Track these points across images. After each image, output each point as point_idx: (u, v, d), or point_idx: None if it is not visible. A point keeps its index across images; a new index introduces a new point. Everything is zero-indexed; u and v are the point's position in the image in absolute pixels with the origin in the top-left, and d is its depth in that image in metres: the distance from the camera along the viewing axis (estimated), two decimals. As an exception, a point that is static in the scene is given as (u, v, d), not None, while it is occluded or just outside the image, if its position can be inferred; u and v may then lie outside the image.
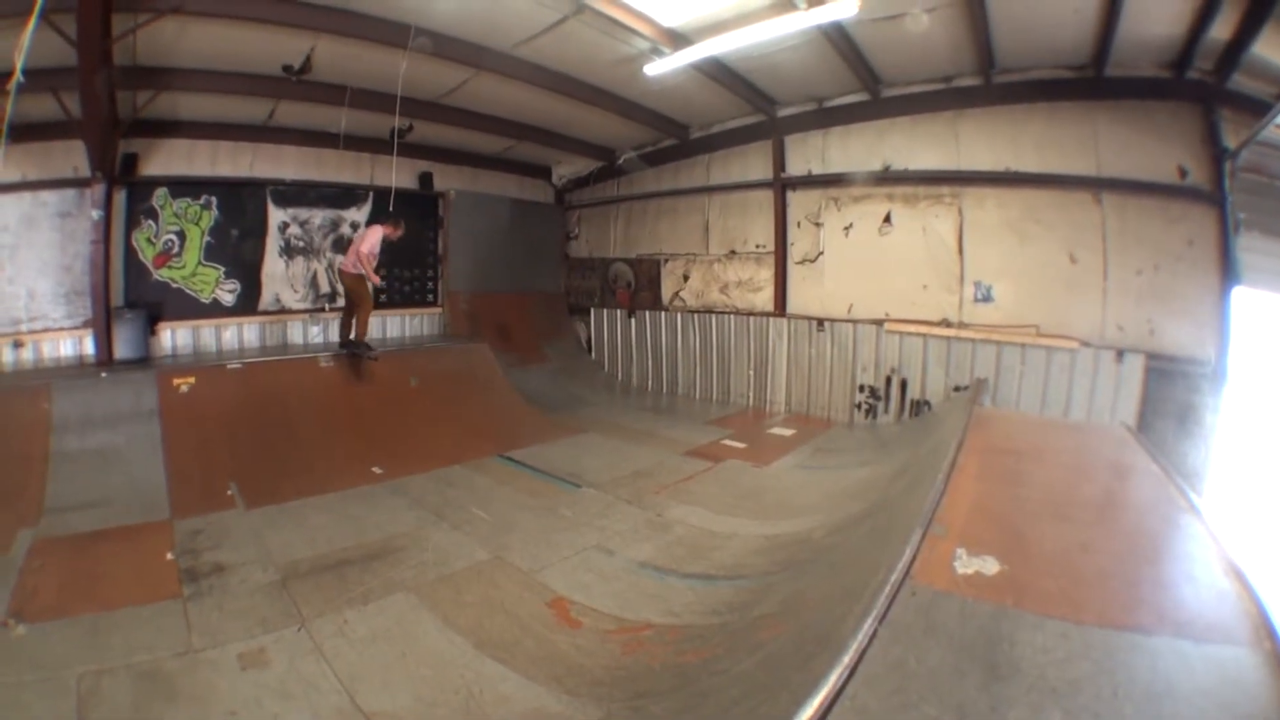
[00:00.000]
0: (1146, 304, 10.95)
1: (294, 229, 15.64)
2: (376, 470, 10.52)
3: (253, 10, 10.15)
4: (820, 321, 15.01)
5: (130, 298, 13.15)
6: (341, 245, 16.34)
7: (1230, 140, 10.05)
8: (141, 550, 7.59)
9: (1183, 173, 10.53)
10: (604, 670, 5.38)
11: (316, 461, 10.60)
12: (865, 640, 3.40)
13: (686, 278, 18.10)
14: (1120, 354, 10.96)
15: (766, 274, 16.24)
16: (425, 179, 17.74)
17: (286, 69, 12.07)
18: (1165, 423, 10.51)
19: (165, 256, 13.73)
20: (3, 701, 4.80)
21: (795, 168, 15.58)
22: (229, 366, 12.20)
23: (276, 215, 15.37)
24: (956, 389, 12.67)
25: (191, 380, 11.29)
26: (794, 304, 15.79)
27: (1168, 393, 10.60)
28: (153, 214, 13.51)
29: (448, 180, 18.22)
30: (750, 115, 15.87)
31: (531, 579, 7.11)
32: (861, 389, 14.43)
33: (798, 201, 15.65)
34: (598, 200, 20.71)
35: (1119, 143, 11.17)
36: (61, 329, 12.53)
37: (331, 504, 9.24)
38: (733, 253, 17.05)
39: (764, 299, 16.31)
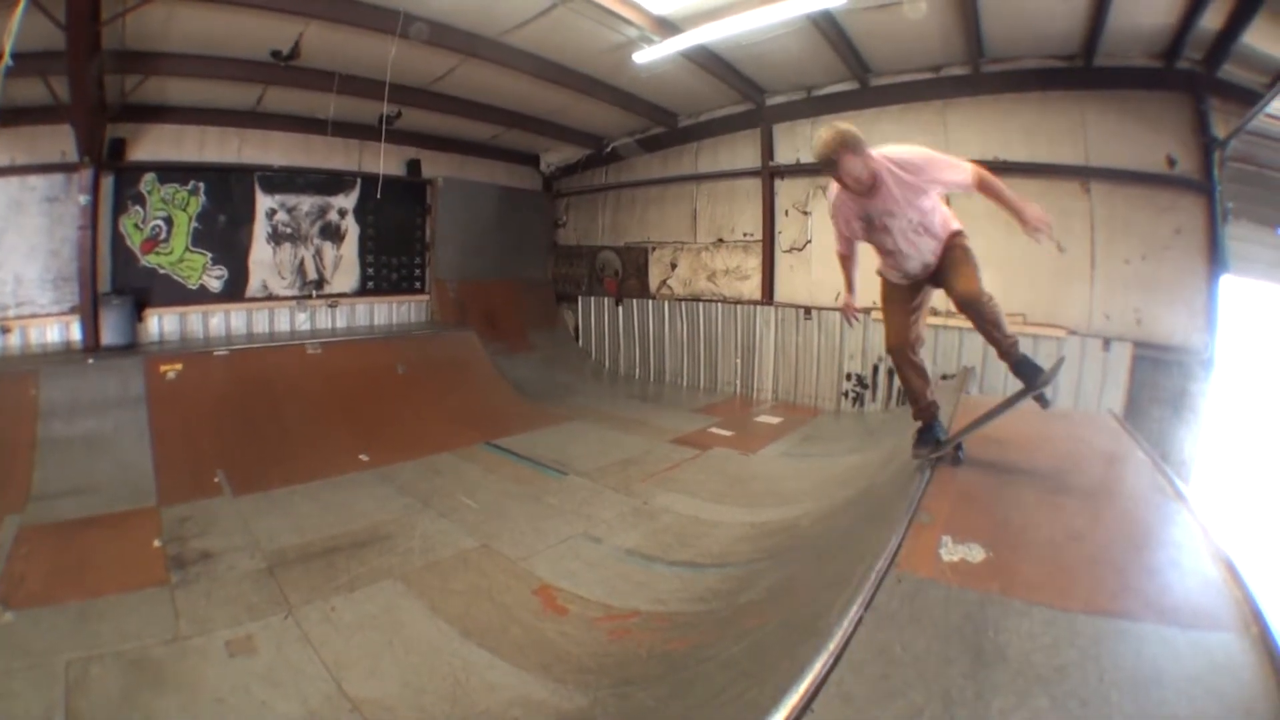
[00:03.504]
0: (1134, 293, 10.99)
1: (281, 215, 15.61)
2: (363, 458, 10.52)
3: (241, -5, 10.15)
4: (808, 310, 15.03)
5: (117, 284, 13.16)
6: (330, 232, 16.36)
7: (1219, 129, 10.07)
8: (129, 537, 7.59)
9: (1171, 162, 10.55)
10: (591, 657, 5.39)
11: (303, 449, 10.59)
12: (851, 627, 3.41)
13: (674, 266, 18.10)
14: (1107, 343, 10.99)
15: (754, 262, 16.24)
16: (413, 166, 17.71)
17: (275, 54, 12.05)
18: (1153, 411, 10.56)
19: (152, 242, 13.72)
20: (-10, 688, 4.80)
21: (784, 156, 15.57)
22: (216, 353, 12.21)
23: (264, 201, 15.35)
24: (944, 377, 12.67)
25: (179, 367, 11.28)
26: (781, 292, 15.80)
27: (1155, 381, 10.64)
28: (140, 199, 13.49)
29: (436, 167, 18.18)
30: (739, 103, 15.87)
31: (518, 567, 7.12)
32: (849, 377, 14.45)
33: (786, 190, 15.65)
34: (586, 188, 20.72)
35: (1108, 132, 11.19)
36: (48, 315, 12.53)
37: (318, 491, 9.24)
38: (720, 241, 17.05)
39: (751, 287, 16.31)
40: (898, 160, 5.50)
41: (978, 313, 5.67)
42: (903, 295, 6.18)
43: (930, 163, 5.50)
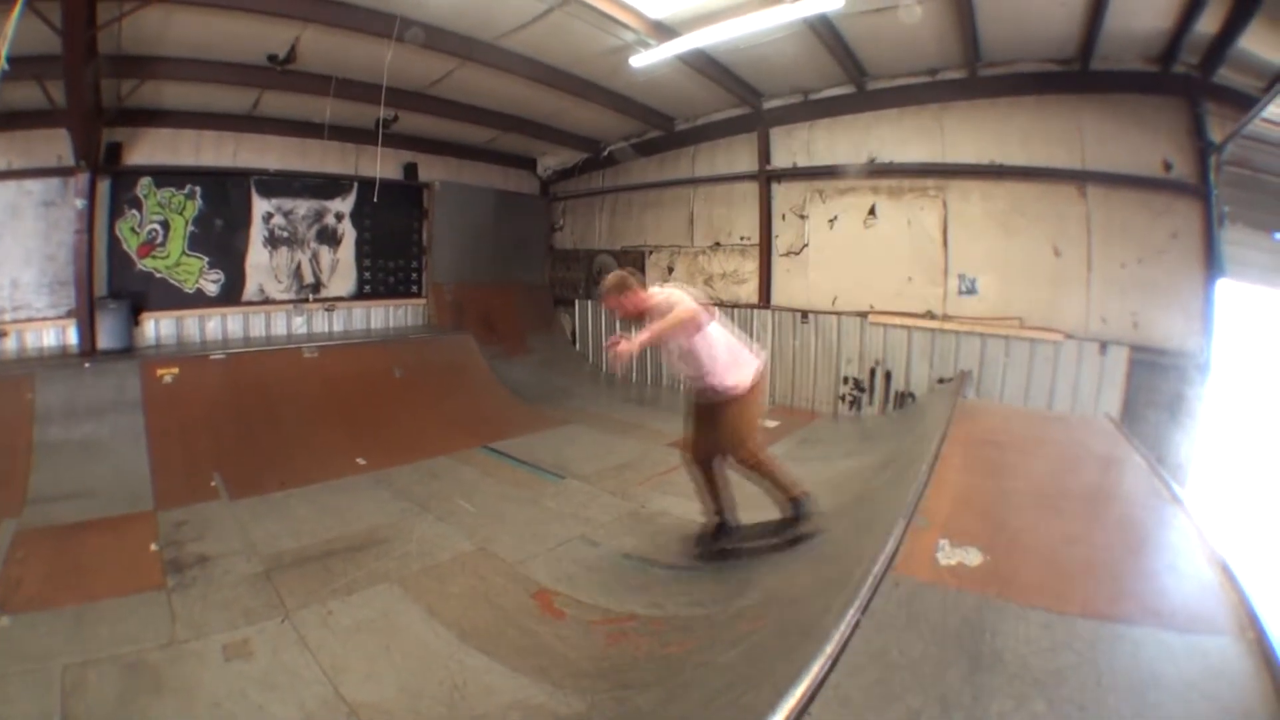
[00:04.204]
0: (1130, 296, 11.00)
1: (278, 219, 15.60)
2: (360, 461, 10.51)
3: (238, -1, 10.13)
4: (804, 314, 15.00)
5: (114, 288, 13.13)
6: (326, 236, 16.39)
7: (1215, 134, 10.09)
8: (125, 541, 7.58)
9: (1167, 166, 10.56)
10: (588, 661, 5.39)
11: (300, 453, 10.58)
12: (848, 631, 3.41)
13: (671, 269, 18.08)
14: (1104, 346, 11.00)
15: (751, 266, 16.23)
16: (410, 170, 17.67)
17: (271, 58, 12.02)
18: (1150, 415, 10.56)
19: (149, 246, 13.71)
20: (-13, 692, 4.79)
21: (780, 160, 15.59)
22: (212, 357, 12.19)
23: (261, 205, 15.33)
24: (940, 381, 12.69)
25: (175, 371, 11.28)
26: (778, 296, 15.79)
27: (1152, 385, 10.65)
28: (136, 203, 13.48)
29: (432, 171, 18.17)
30: (736, 107, 15.85)
31: (516, 570, 7.11)
32: (846, 381, 14.42)
33: (783, 194, 15.64)
34: (583, 192, 20.69)
35: (1104, 136, 11.20)
36: (45, 319, 12.51)
37: (315, 495, 9.23)
38: (717, 245, 17.04)
39: (748, 291, 16.29)
40: (657, 302, 6.71)
41: (753, 474, 7.06)
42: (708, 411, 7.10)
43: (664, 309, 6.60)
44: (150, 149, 13.61)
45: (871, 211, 14.04)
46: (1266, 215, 9.81)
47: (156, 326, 13.94)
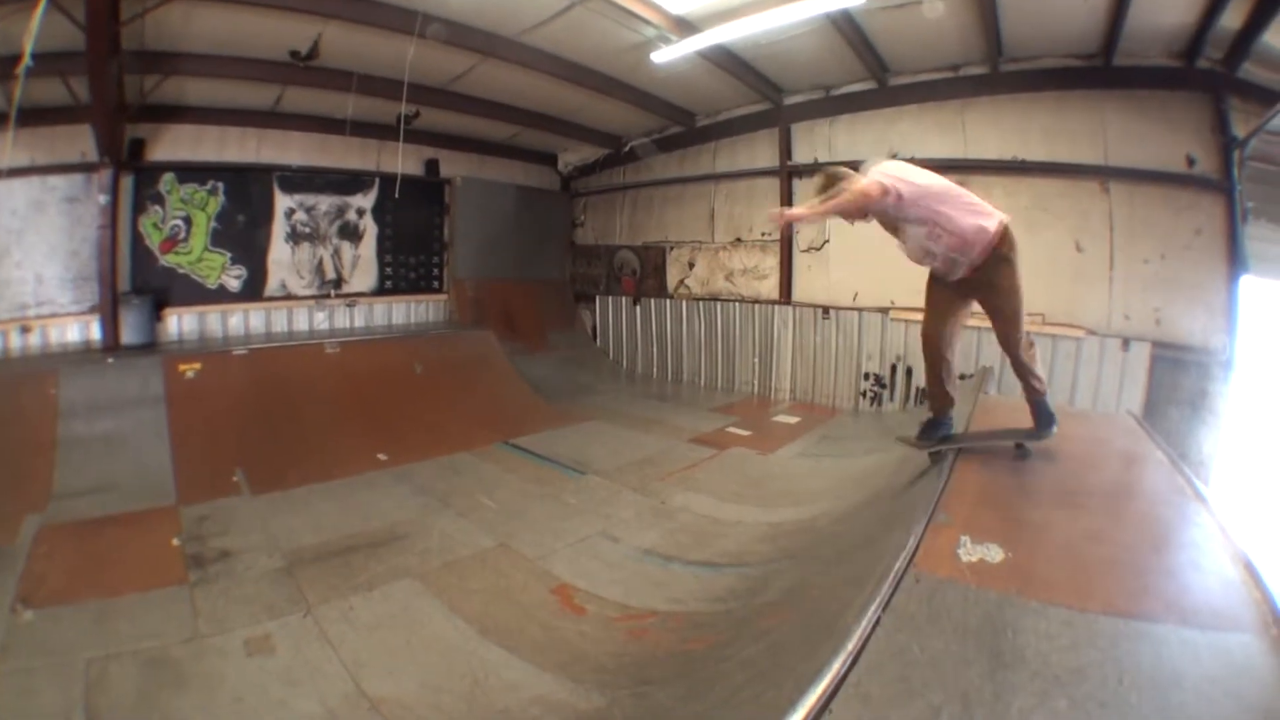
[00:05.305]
0: (1153, 293, 10.94)
1: (300, 215, 15.68)
2: (381, 457, 10.53)
3: (260, -5, 10.18)
4: (825, 309, 14.99)
5: (137, 283, 13.23)
6: (348, 232, 16.43)
7: (1239, 129, 10.02)
8: (148, 536, 7.62)
9: (1190, 162, 10.50)
10: (609, 657, 5.40)
11: (322, 448, 10.60)
12: (869, 628, 3.39)
13: (692, 265, 18.07)
14: (1126, 342, 10.94)
15: (772, 262, 16.22)
16: (431, 166, 17.75)
17: (294, 54, 12.08)
18: (1172, 411, 10.51)
19: (171, 242, 13.78)
20: (12, 687, 4.83)
21: (802, 155, 15.53)
22: (235, 353, 12.25)
23: (283, 201, 15.42)
24: (962, 377, 12.63)
25: (197, 366, 11.32)
26: (799, 292, 15.77)
27: (1175, 381, 10.59)
28: (159, 199, 13.56)
29: (454, 167, 18.22)
30: (757, 103, 15.85)
31: (536, 566, 7.13)
32: (867, 377, 14.41)
33: (804, 189, 15.45)
34: (604, 188, 20.70)
35: (1127, 132, 11.14)
36: (68, 314, 12.60)
37: (337, 491, 9.27)
38: (738, 240, 17.02)
39: (769, 287, 16.28)
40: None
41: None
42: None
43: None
44: (173, 145, 13.68)
45: (893, 207, 13.98)
46: (1290, 211, 9.77)
47: (179, 322, 14.02)
